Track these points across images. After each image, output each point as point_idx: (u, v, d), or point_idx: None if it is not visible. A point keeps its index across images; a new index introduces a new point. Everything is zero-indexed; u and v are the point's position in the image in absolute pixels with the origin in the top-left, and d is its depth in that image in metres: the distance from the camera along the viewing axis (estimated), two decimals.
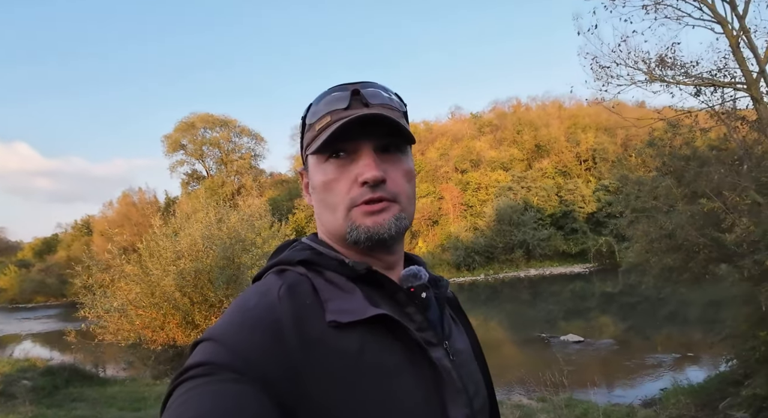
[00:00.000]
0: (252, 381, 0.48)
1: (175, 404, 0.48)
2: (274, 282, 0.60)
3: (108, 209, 41.99)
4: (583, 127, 41.12)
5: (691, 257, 6.00)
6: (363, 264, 0.62)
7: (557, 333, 13.84)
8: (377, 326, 0.57)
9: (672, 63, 6.25)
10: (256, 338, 0.51)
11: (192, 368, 0.50)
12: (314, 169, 0.67)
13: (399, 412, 0.54)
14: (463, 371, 0.65)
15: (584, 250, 33.33)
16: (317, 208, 0.69)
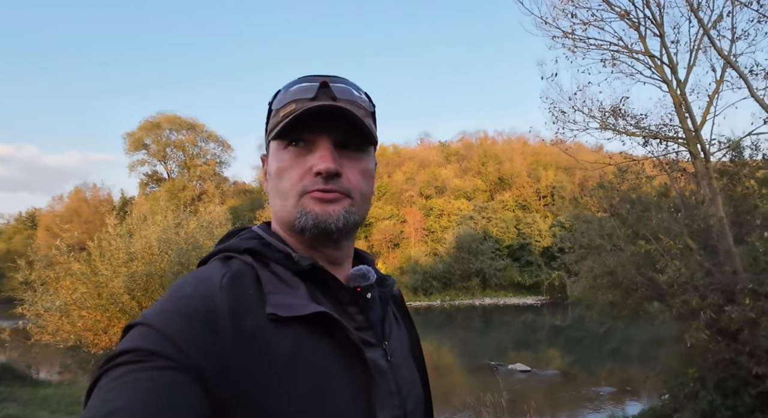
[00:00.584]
0: (185, 370, 0.47)
1: (104, 391, 0.45)
2: (218, 270, 0.58)
3: (57, 203, 39.92)
4: (545, 164, 42.90)
5: (629, 294, 6.46)
6: (308, 259, 0.61)
7: (505, 362, 14.18)
8: (316, 323, 0.56)
9: (623, 114, 6.82)
10: (189, 327, 0.50)
11: (123, 354, 0.48)
12: (272, 155, 0.67)
13: (326, 410, 0.54)
14: (398, 372, 0.65)
15: (538, 282, 34.36)
16: (270, 194, 0.68)
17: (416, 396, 0.68)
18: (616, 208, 7.76)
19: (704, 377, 5.49)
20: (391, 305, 0.73)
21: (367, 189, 0.67)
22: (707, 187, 5.80)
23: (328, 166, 0.61)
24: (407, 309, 0.78)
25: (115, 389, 0.45)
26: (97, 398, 0.45)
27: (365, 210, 0.68)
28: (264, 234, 0.66)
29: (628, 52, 6.71)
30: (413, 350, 0.75)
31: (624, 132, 7.17)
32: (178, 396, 0.45)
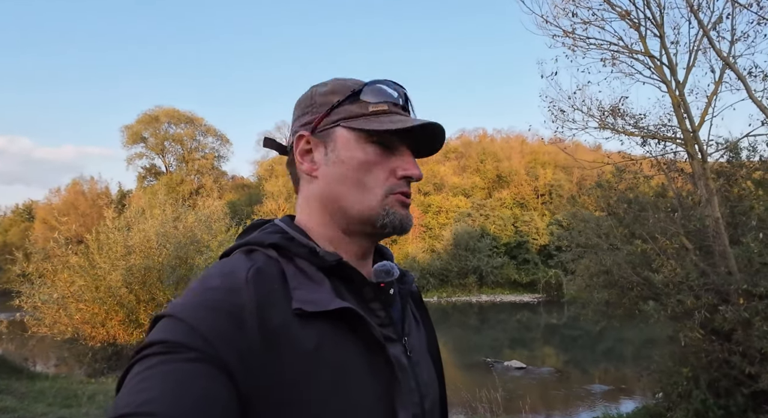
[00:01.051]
0: (214, 362, 0.48)
1: (134, 381, 0.46)
2: (243, 263, 0.58)
3: (54, 195, 39.74)
4: (543, 163, 42.98)
5: (624, 294, 6.50)
6: (334, 255, 0.61)
7: (501, 359, 14.25)
8: (340, 319, 0.56)
9: (622, 114, 6.84)
10: (216, 321, 0.50)
11: (152, 345, 0.49)
12: (349, 144, 0.65)
13: (349, 407, 0.54)
14: (418, 369, 0.65)
15: (534, 280, 34.47)
16: (337, 183, 0.66)
17: (434, 394, 0.68)
18: (613, 207, 7.80)
19: (698, 376, 5.54)
20: (410, 302, 0.73)
21: None
22: (704, 188, 5.83)
23: (419, 173, 0.66)
24: (425, 306, 0.79)
25: (146, 379, 0.46)
26: (128, 388, 0.46)
27: None
28: (287, 228, 0.66)
29: (628, 52, 6.72)
30: (430, 348, 0.75)
31: (622, 132, 7.20)
32: (208, 388, 0.46)
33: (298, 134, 0.68)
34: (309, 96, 0.70)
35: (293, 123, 0.71)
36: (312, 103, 0.69)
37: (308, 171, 0.67)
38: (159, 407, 0.43)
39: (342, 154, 0.65)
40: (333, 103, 0.67)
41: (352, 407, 0.54)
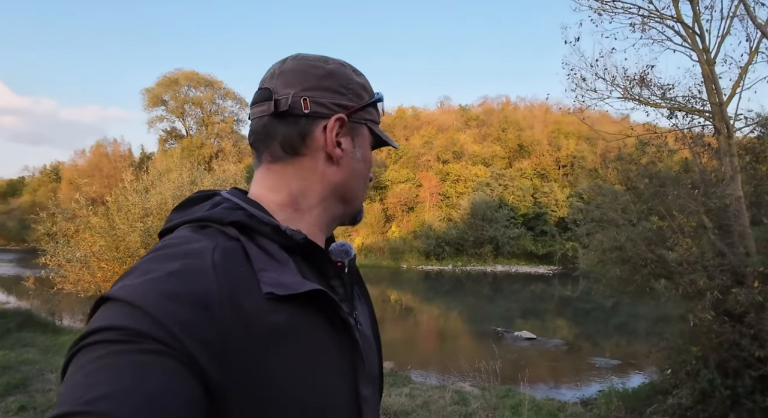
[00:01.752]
0: (179, 356, 0.43)
1: (84, 372, 0.40)
2: (205, 242, 0.53)
3: (79, 157, 40.77)
4: (566, 133, 41.86)
5: (637, 270, 6.36)
6: (300, 234, 0.59)
7: (512, 329, 14.36)
8: (308, 300, 0.54)
9: (648, 84, 6.49)
10: (180, 308, 0.45)
11: (104, 331, 0.43)
12: (366, 143, 0.71)
13: (323, 385, 0.54)
14: (365, 342, 0.65)
15: (551, 252, 34.29)
16: (351, 175, 0.68)
17: (376, 365, 0.70)
18: (633, 181, 7.53)
19: (707, 356, 5.46)
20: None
21: None
22: (729, 165, 5.57)
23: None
24: (363, 281, 0.78)
25: (98, 370, 0.40)
26: (79, 378, 0.40)
27: None
28: (243, 203, 0.61)
29: (659, 16, 6.30)
30: (371, 322, 0.76)
31: (648, 103, 6.86)
32: (172, 384, 0.41)
33: (339, 117, 0.64)
34: (346, 76, 0.67)
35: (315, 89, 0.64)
36: (349, 87, 0.67)
37: (338, 156, 0.65)
38: (114, 406, 0.37)
39: (365, 154, 0.70)
40: (365, 101, 0.68)
41: (322, 385, 0.54)
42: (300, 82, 0.64)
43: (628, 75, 6.64)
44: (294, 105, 0.63)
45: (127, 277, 0.48)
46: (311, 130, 0.64)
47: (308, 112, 0.63)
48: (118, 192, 10.88)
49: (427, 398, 5.43)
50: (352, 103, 0.66)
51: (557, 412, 5.69)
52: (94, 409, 0.37)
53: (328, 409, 0.54)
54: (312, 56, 0.67)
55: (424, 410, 4.71)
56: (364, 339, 0.65)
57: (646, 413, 6.41)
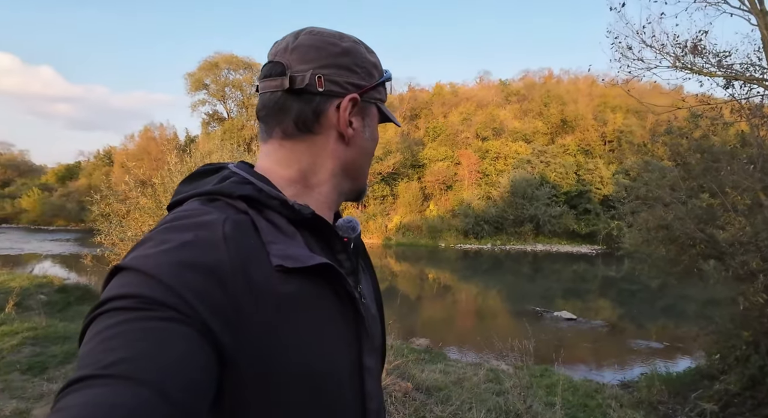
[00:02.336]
0: (193, 324, 0.44)
1: (101, 337, 0.41)
2: (216, 215, 0.54)
3: (129, 141, 42.75)
4: (613, 107, 39.84)
5: (684, 251, 6.05)
6: (308, 208, 0.60)
7: (552, 309, 14.12)
8: (315, 273, 0.56)
9: (701, 51, 6.04)
10: (194, 278, 0.46)
11: (121, 298, 0.44)
12: (374, 123, 0.72)
13: (328, 355, 0.56)
14: (368, 315, 0.67)
15: (594, 232, 33.14)
16: (359, 154, 0.70)
17: (379, 336, 0.72)
18: (683, 156, 7.11)
19: (758, 341, 5.19)
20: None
21: None
22: None
23: None
24: (368, 255, 0.81)
25: (117, 336, 0.41)
26: (96, 344, 0.41)
27: None
28: (251, 177, 0.62)
29: None
30: (375, 295, 0.79)
31: (701, 72, 6.40)
32: (187, 351, 0.42)
33: (352, 97, 0.65)
34: (359, 54, 0.67)
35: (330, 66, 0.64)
36: (362, 65, 0.67)
37: (350, 136, 0.67)
38: (131, 370, 0.39)
39: (374, 133, 0.71)
40: (376, 81, 0.69)
41: (328, 354, 0.56)
42: (316, 59, 0.63)
43: (679, 42, 6.21)
44: (310, 83, 0.63)
45: (140, 247, 0.49)
46: (325, 109, 0.64)
47: (323, 91, 0.63)
48: (164, 174, 11.35)
49: (461, 375, 5.46)
50: (365, 82, 0.67)
51: (594, 393, 5.59)
52: (112, 372, 0.38)
53: (332, 377, 0.57)
54: (327, 32, 0.67)
55: (457, 386, 4.75)
56: (368, 312, 0.67)
57: (690, 398, 6.20)
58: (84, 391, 0.38)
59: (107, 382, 0.38)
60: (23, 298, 8.27)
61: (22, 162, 62.25)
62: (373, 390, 0.64)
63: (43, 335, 5.25)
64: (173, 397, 0.39)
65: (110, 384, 0.38)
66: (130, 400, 0.37)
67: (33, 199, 45.39)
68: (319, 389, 0.55)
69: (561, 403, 4.20)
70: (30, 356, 4.56)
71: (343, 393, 0.58)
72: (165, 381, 0.39)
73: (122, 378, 0.38)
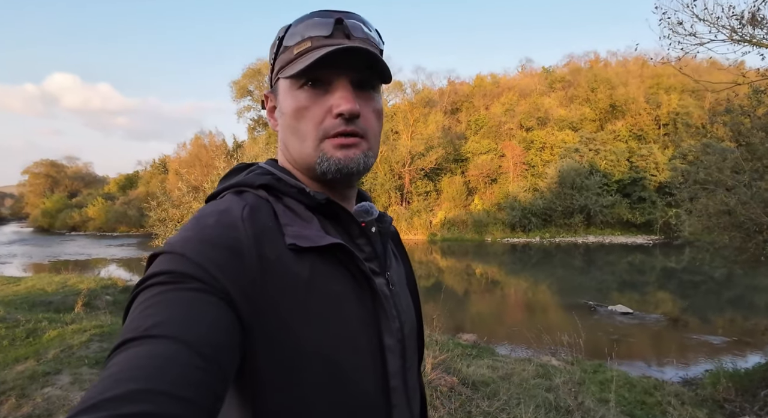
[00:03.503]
0: (217, 293, 0.50)
1: (141, 307, 0.47)
2: (236, 202, 0.60)
3: (181, 149, 44.80)
4: (667, 87, 37.56)
5: (751, 237, 5.62)
6: (323, 194, 0.65)
7: (606, 303, 13.55)
8: (330, 254, 0.60)
9: (760, 21, 5.59)
10: (216, 254, 0.52)
11: (157, 275, 0.50)
12: (285, 94, 0.66)
13: (342, 332, 0.59)
14: (398, 299, 0.70)
15: (650, 221, 31.50)
16: (283, 134, 0.68)
17: (411, 322, 0.73)
18: (745, 136, 6.60)
19: None
20: (390, 242, 0.77)
21: (379, 129, 0.69)
22: None
23: (352, 107, 0.61)
24: (403, 246, 0.84)
25: (153, 305, 0.47)
26: (135, 315, 0.47)
27: (377, 151, 0.69)
28: (274, 170, 0.68)
29: None
30: (409, 283, 0.80)
31: (761, 44, 5.92)
32: (215, 316, 0.48)
33: (264, 95, 0.72)
34: (274, 42, 0.70)
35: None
36: (274, 52, 0.69)
37: (273, 127, 0.71)
38: (170, 330, 0.44)
39: (282, 105, 0.67)
40: (272, 58, 0.69)
41: (343, 333, 0.58)
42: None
43: (735, 13, 5.77)
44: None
45: (174, 236, 0.56)
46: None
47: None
48: (213, 179, 11.84)
49: (509, 371, 5.34)
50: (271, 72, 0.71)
51: (653, 390, 5.31)
52: (150, 333, 0.44)
53: (349, 355, 0.59)
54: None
55: (505, 381, 4.65)
56: (396, 296, 0.70)
57: (760, 396, 5.80)
58: (127, 351, 0.43)
59: (146, 341, 0.43)
60: (91, 298, 8.89)
61: (87, 174, 66.83)
62: (395, 369, 0.65)
63: (108, 331, 5.62)
64: (204, 352, 0.44)
65: (149, 343, 0.43)
66: (166, 352, 0.43)
67: (98, 208, 48.49)
68: (336, 367, 0.57)
69: (615, 400, 4.02)
70: (97, 351, 4.90)
71: (364, 371, 0.60)
72: (196, 338, 0.45)
73: (159, 337, 0.44)
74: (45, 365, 4.32)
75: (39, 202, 56.03)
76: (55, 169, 63.30)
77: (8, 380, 3.91)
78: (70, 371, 4.23)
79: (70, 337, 5.36)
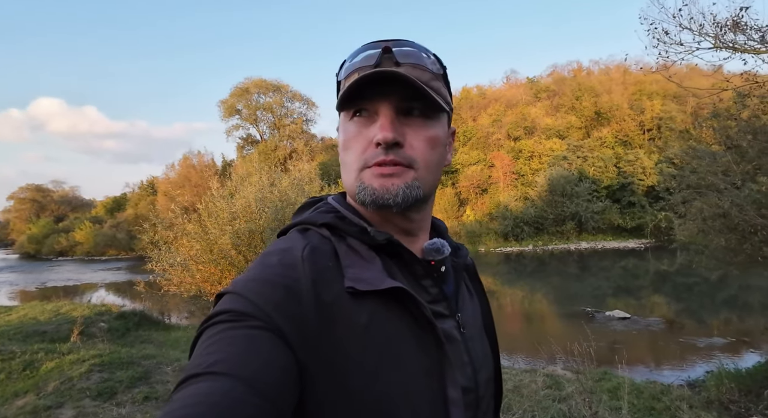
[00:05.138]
0: (272, 330, 0.50)
1: (204, 345, 0.49)
2: (299, 241, 0.61)
3: (170, 170, 44.35)
4: (650, 93, 38.36)
5: (746, 238, 5.71)
6: (384, 234, 0.62)
7: (603, 309, 13.59)
8: (391, 297, 0.57)
9: (743, 28, 5.75)
10: (274, 294, 0.53)
11: (219, 315, 0.52)
12: (340, 128, 0.67)
13: (399, 381, 0.55)
14: (471, 344, 0.66)
15: (641, 225, 31.79)
16: (341, 165, 0.68)
17: (488, 368, 0.69)
18: (733, 139, 6.74)
19: None
20: (465, 276, 0.74)
21: (435, 158, 0.64)
22: None
23: (386, 136, 0.59)
24: (480, 280, 0.80)
25: (214, 343, 0.48)
26: (199, 352, 0.49)
27: (431, 181, 0.65)
28: (339, 207, 0.68)
29: None
30: (485, 322, 0.76)
31: (744, 49, 6.09)
32: (271, 352, 0.49)
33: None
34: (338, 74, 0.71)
35: None
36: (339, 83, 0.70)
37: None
38: (228, 367, 0.46)
39: (340, 139, 0.67)
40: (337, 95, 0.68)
41: (402, 381, 0.56)
42: None
43: (718, 21, 5.94)
44: None
45: (241, 275, 0.58)
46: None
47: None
48: (207, 199, 11.74)
49: (517, 383, 5.32)
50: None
51: (661, 395, 5.30)
52: (211, 370, 0.45)
53: (402, 404, 0.55)
54: None
55: (516, 394, 4.62)
56: (470, 340, 0.67)
57: (764, 395, 5.81)
58: (189, 387, 0.45)
59: (206, 377, 0.45)
60: (86, 326, 8.71)
61: (74, 197, 66.04)
62: None
63: (108, 361, 5.48)
64: (261, 389, 0.45)
65: (209, 379, 0.45)
66: (224, 390, 0.44)
67: (85, 232, 47.78)
68: (390, 416, 0.54)
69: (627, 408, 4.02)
70: (98, 382, 4.77)
71: None
72: (254, 376, 0.46)
73: (218, 374, 0.45)
74: (46, 399, 4.19)
75: (25, 227, 55.19)
76: (40, 194, 62.50)
77: (9, 416, 3.80)
78: (73, 404, 4.12)
79: (69, 368, 5.22)
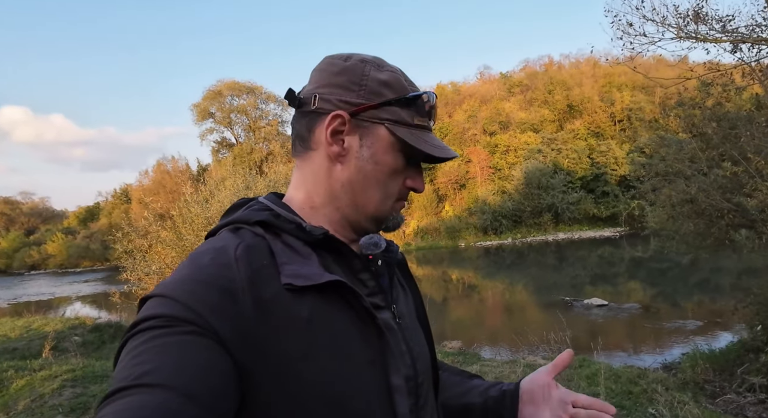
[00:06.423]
0: (210, 334, 0.48)
1: (131, 355, 0.46)
2: (231, 240, 0.59)
3: (144, 177, 43.53)
4: (619, 85, 39.34)
5: (713, 223, 5.88)
6: (320, 229, 0.62)
7: (581, 297, 13.86)
8: (330, 291, 0.57)
9: (704, 18, 5.92)
10: (208, 295, 0.50)
11: (146, 320, 0.49)
12: (386, 146, 0.65)
13: (344, 374, 0.56)
14: (408, 333, 0.67)
15: (615, 214, 32.64)
16: (362, 179, 0.66)
17: (425, 357, 0.70)
18: (699, 127, 6.94)
19: None
20: (396, 271, 0.75)
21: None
22: None
23: (423, 188, 0.72)
24: (411, 274, 0.81)
25: (143, 352, 0.45)
26: (125, 362, 0.45)
27: None
28: (273, 205, 0.67)
29: None
30: (418, 313, 0.77)
31: (706, 39, 6.26)
32: (207, 358, 0.47)
33: (336, 113, 0.64)
34: (361, 73, 0.66)
35: (327, 85, 0.66)
36: (363, 83, 0.65)
37: (337, 154, 0.66)
38: (159, 378, 0.43)
39: (378, 156, 0.65)
40: (386, 99, 0.65)
41: (346, 374, 0.56)
42: (318, 80, 0.67)
43: (680, 12, 6.09)
44: (305, 101, 0.66)
45: (168, 278, 0.55)
46: (314, 125, 0.66)
47: (315, 108, 0.65)
48: (181, 205, 11.50)
49: (498, 374, 5.36)
50: (362, 100, 0.64)
51: (637, 379, 5.41)
52: (141, 382, 0.43)
53: (351, 394, 0.56)
54: (337, 55, 0.69)
55: None
56: (406, 330, 0.67)
57: (737, 374, 6.00)
58: (117, 401, 0.42)
59: (137, 391, 0.42)
60: (59, 341, 8.43)
61: (44, 209, 63.99)
62: (404, 410, 0.61)
63: (81, 375, 5.32)
64: (199, 399, 0.44)
65: (140, 392, 0.42)
66: (158, 403, 0.41)
67: (58, 244, 46.47)
68: (340, 409, 0.55)
69: (605, 392, 4.08)
70: (71, 397, 4.62)
71: (369, 414, 0.57)
72: (189, 385, 0.44)
73: (150, 386, 0.42)
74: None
75: None
76: (9, 207, 60.36)
77: None
78: None
79: (40, 385, 5.04)
